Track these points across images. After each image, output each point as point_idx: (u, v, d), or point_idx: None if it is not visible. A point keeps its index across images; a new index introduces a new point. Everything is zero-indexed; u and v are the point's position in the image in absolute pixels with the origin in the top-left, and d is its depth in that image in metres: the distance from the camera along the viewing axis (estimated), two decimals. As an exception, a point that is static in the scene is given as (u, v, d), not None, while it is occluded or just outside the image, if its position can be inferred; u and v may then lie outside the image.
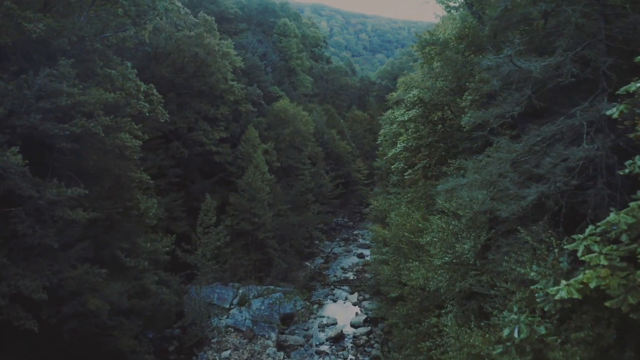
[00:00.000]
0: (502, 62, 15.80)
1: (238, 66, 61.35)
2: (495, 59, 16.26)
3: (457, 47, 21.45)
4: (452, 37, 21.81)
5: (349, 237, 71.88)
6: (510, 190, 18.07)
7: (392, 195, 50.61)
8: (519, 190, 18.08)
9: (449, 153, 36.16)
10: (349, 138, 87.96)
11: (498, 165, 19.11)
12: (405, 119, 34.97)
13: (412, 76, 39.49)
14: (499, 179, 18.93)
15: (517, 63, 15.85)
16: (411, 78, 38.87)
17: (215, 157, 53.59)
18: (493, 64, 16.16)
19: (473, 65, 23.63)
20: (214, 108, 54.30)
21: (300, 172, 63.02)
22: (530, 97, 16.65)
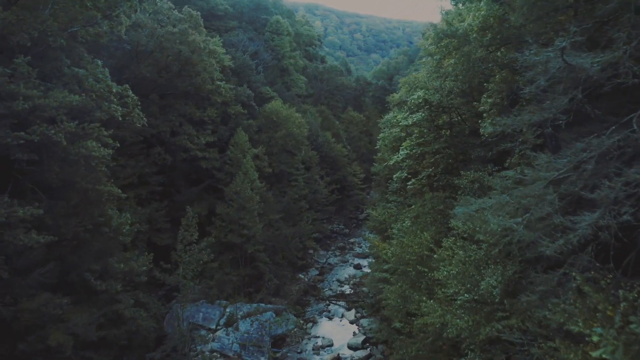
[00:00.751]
0: (551, 57, 12.11)
1: (227, 65, 57.61)
2: (544, 52, 12.55)
3: (481, 40, 17.78)
4: (474, 27, 18.11)
5: (345, 246, 68.20)
6: (553, 219, 14.42)
7: (392, 204, 47.12)
8: (563, 218, 14.44)
9: (458, 161, 32.64)
10: (344, 140, 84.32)
11: (535, 185, 15.45)
12: (409, 123, 31.31)
13: (415, 76, 35.82)
14: (536, 203, 15.28)
15: (567, 59, 12.16)
16: (415, 78, 35.23)
17: (202, 162, 49.82)
18: (542, 59, 12.44)
19: (495, 61, 19.95)
20: (200, 110, 50.54)
21: (294, 178, 59.32)
22: (581, 101, 12.95)
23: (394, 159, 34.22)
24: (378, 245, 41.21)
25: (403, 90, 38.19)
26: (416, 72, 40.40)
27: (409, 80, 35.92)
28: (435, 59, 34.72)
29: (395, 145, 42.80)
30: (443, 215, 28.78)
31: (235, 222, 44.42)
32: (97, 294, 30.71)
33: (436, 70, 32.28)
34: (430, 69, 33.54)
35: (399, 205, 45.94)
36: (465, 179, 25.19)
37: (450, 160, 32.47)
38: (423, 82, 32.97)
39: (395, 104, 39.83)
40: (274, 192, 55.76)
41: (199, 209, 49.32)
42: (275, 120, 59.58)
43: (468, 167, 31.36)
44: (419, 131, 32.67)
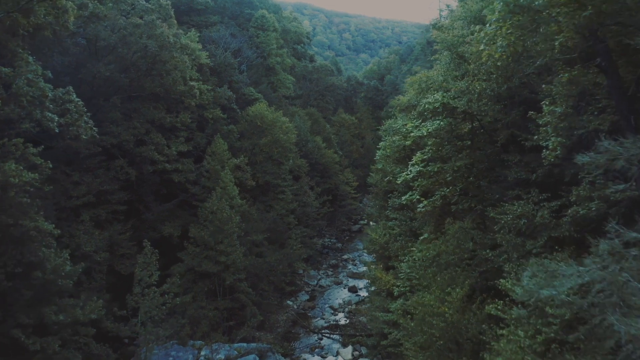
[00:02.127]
0: None
1: (204, 63, 50.87)
2: None
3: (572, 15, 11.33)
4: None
5: (337, 263, 61.69)
6: None
7: (394, 222, 40.80)
8: None
9: (479, 179, 26.25)
10: (336, 146, 77.77)
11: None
12: (424, 133, 24.86)
13: (426, 74, 29.30)
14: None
15: None
16: (426, 78, 28.70)
17: (174, 176, 43.08)
18: None
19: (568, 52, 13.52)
20: (171, 115, 43.80)
21: (280, 190, 52.71)
22: None
23: (402, 177, 27.67)
24: (381, 277, 34.82)
25: (411, 93, 31.58)
26: (426, 71, 33.79)
27: (418, 80, 29.33)
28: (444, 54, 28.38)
29: (399, 157, 36.37)
30: (474, 257, 22.38)
31: (211, 247, 37.78)
32: (30, 354, 24.04)
33: (456, 67, 25.87)
34: (446, 65, 27.09)
35: (402, 224, 39.58)
36: (511, 215, 18.74)
37: (471, 178, 26.07)
38: (439, 82, 26.51)
39: (402, 108, 33.22)
40: (258, 207, 49.16)
41: (171, 229, 42.91)
42: (259, 125, 52.97)
43: (496, 190, 25.02)
44: (434, 143, 26.21)
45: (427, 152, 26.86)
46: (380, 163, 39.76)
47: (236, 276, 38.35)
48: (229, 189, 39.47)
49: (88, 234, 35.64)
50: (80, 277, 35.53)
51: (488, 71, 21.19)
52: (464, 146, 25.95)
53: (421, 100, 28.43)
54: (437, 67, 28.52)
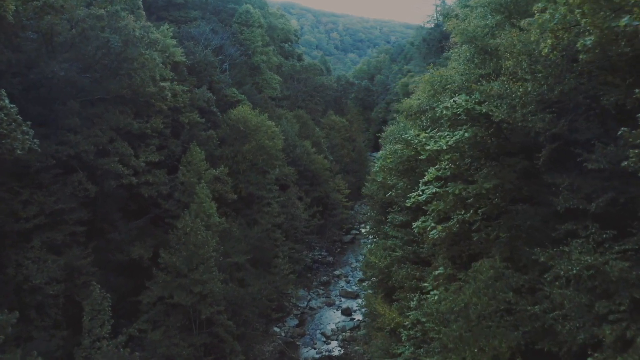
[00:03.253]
0: None
1: (180, 62, 45.49)
2: None
3: None
4: None
5: (329, 280, 56.50)
6: None
7: (394, 241, 35.86)
8: None
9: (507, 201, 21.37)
10: (326, 150, 72.57)
11: None
12: (443, 146, 19.80)
13: (441, 73, 24.12)
14: None
15: None
16: (440, 77, 23.55)
17: (143, 189, 37.70)
18: None
19: None
20: (141, 120, 38.39)
21: (266, 202, 47.43)
22: None
23: (412, 199, 22.57)
24: (382, 312, 29.73)
25: (422, 95, 26.29)
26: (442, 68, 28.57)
27: (432, 80, 24.14)
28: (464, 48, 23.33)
29: (405, 168, 31.27)
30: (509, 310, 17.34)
31: (185, 275, 32.46)
32: None
33: (481, 63, 20.84)
34: (466, 62, 22.02)
35: (405, 245, 34.55)
36: (574, 263, 13.71)
37: (497, 199, 21.07)
38: (459, 83, 21.46)
39: (410, 113, 28.00)
40: (241, 222, 43.89)
41: (142, 250, 37.59)
42: (242, 130, 47.66)
43: (534, 218, 20.05)
44: (453, 157, 21.14)
45: (445, 168, 21.77)
46: (379, 175, 34.67)
47: (214, 308, 33.03)
48: (205, 206, 34.16)
49: (39, 263, 30.33)
50: (30, 313, 30.39)
51: (533, 69, 16.15)
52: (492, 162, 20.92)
53: (435, 105, 23.45)
54: (453, 65, 23.40)
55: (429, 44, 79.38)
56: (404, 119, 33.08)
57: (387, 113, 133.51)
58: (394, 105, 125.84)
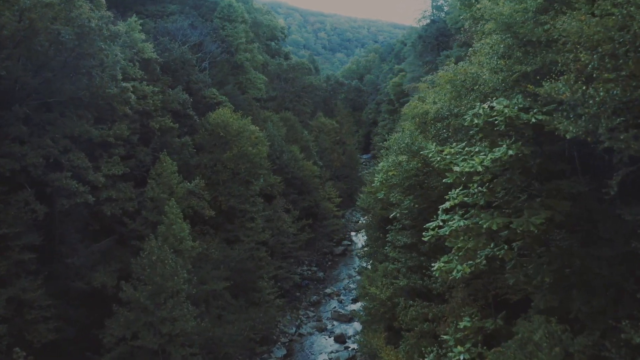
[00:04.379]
0: None
1: (152, 58, 40.16)
2: None
3: None
4: None
5: (320, 299, 51.34)
6: None
7: (397, 265, 31.06)
8: None
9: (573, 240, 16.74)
10: (315, 155, 67.39)
11: None
12: (478, 167, 14.85)
13: (465, 70, 19.00)
14: None
15: None
16: (465, 75, 18.45)
17: (105, 207, 32.40)
18: None
19: None
20: (103, 127, 33.08)
21: (249, 217, 42.21)
22: None
23: (430, 233, 17.47)
24: (387, 357, 24.70)
25: (443, 98, 20.80)
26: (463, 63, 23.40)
27: (453, 79, 19.02)
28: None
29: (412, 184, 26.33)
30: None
31: (150, 312, 27.20)
32: None
33: (523, 58, 15.89)
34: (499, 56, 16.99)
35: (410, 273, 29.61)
36: None
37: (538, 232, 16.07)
38: (495, 83, 16.46)
39: (425, 120, 22.74)
40: (220, 242, 38.64)
41: (105, 276, 32.37)
42: (222, 136, 42.41)
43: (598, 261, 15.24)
44: (483, 179, 16.17)
45: (476, 193, 16.76)
46: (380, 192, 29.63)
47: (186, 350, 27.81)
48: (175, 229, 28.90)
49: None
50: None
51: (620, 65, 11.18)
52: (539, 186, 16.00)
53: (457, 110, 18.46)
54: (482, 59, 18.35)
55: (425, 41, 74.45)
56: (411, 126, 28.04)
57: (377, 114, 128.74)
58: (384, 106, 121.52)
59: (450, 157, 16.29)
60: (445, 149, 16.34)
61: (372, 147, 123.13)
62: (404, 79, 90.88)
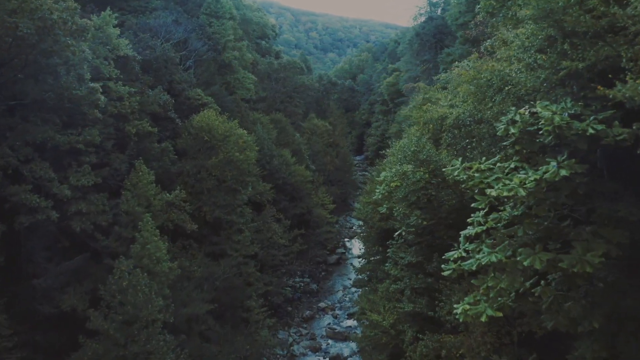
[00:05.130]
0: None
1: (130, 56, 36.68)
2: None
3: None
4: None
5: (313, 314, 48.01)
6: None
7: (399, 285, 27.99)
8: None
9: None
10: (307, 159, 64.04)
11: None
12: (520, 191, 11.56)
13: (492, 66, 15.56)
14: None
15: None
16: (492, 73, 15.08)
17: (74, 222, 28.93)
18: None
19: None
20: (72, 132, 29.58)
21: (236, 229, 38.81)
22: None
23: (450, 267, 14.22)
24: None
25: (467, 102, 17.21)
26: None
27: (478, 78, 15.61)
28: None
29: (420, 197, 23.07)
30: None
31: (121, 345, 23.76)
32: None
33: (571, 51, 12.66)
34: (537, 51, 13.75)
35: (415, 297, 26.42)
36: None
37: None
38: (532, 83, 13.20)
39: (440, 127, 19.27)
40: (204, 257, 35.25)
41: (75, 299, 29.02)
42: (207, 141, 39.00)
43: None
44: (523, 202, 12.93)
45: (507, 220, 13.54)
46: (383, 207, 26.33)
47: (163, 388, 24.42)
48: (150, 248, 25.47)
49: None
50: None
51: None
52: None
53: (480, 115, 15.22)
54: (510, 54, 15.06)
55: (423, 39, 71.19)
56: (417, 132, 24.75)
57: (370, 115, 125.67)
58: (378, 106, 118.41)
59: (479, 176, 13.01)
60: (473, 165, 13.04)
61: (366, 149, 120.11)
62: (399, 79, 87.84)
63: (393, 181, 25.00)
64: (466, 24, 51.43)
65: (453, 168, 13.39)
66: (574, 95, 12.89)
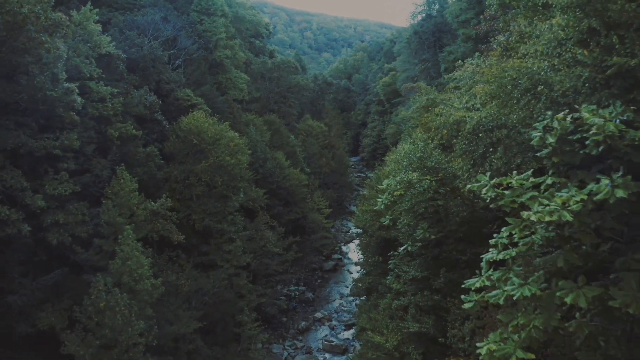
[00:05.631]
0: None
1: (112, 54, 34.39)
2: None
3: None
4: None
5: (309, 325, 45.76)
6: None
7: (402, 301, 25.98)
8: None
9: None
10: (302, 161, 61.84)
11: None
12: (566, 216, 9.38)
13: (519, 63, 13.38)
14: None
15: None
16: (519, 71, 12.92)
17: (50, 235, 26.68)
18: None
19: None
20: (49, 136, 27.31)
21: (227, 238, 36.60)
22: None
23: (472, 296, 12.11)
24: None
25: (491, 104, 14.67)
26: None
27: (501, 76, 13.35)
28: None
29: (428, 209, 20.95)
30: None
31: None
32: None
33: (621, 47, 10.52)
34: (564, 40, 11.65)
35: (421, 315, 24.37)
36: None
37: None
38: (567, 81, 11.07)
39: (455, 133, 17.08)
40: (193, 268, 33.03)
41: (53, 317, 26.93)
42: (196, 144, 36.76)
43: None
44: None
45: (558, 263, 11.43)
46: (386, 217, 24.16)
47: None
48: (131, 264, 23.24)
49: None
50: None
51: None
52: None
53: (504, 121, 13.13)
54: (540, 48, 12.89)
55: (422, 37, 69.04)
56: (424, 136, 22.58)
57: (366, 115, 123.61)
58: (374, 106, 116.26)
59: (510, 194, 10.86)
60: (504, 181, 10.89)
61: (362, 150, 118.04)
62: (396, 79, 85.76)
63: (397, 190, 22.89)
64: (468, 21, 49.38)
65: (480, 185, 11.22)
66: (622, 97, 10.77)
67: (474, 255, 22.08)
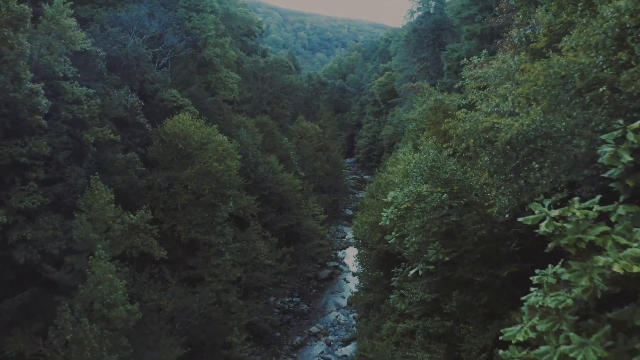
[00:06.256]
0: None
1: (90, 52, 31.60)
2: None
3: None
4: None
5: (304, 340, 43.07)
6: None
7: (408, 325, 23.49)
8: None
9: None
10: (296, 165, 59.13)
11: None
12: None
13: (572, 59, 10.79)
14: None
15: None
16: (568, 66, 10.32)
17: (17, 253, 23.92)
18: None
19: None
20: (17, 142, 24.54)
21: (216, 251, 33.85)
22: None
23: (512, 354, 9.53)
24: None
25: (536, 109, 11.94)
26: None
27: (552, 73, 10.77)
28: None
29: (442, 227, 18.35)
30: None
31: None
32: None
33: None
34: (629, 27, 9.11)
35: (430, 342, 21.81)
36: None
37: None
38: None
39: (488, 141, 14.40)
40: (178, 285, 30.27)
41: (22, 342, 24.21)
42: (181, 149, 34.02)
43: None
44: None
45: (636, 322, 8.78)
46: (392, 235, 21.49)
47: None
48: (102, 289, 20.48)
49: None
50: None
51: None
52: None
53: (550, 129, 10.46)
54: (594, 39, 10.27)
55: (421, 35, 66.37)
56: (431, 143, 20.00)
57: (361, 115, 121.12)
58: (369, 107, 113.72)
59: (572, 228, 8.25)
60: (565, 212, 8.26)
61: (357, 151, 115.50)
62: (393, 78, 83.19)
63: (404, 203, 20.26)
64: (472, 17, 46.72)
65: (535, 217, 8.56)
66: None
67: (490, 276, 19.53)
